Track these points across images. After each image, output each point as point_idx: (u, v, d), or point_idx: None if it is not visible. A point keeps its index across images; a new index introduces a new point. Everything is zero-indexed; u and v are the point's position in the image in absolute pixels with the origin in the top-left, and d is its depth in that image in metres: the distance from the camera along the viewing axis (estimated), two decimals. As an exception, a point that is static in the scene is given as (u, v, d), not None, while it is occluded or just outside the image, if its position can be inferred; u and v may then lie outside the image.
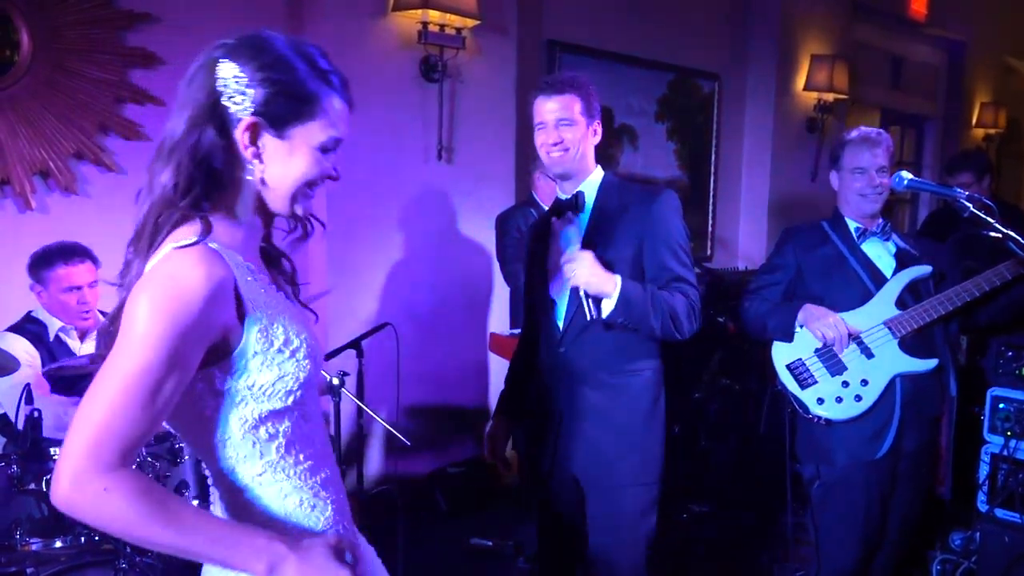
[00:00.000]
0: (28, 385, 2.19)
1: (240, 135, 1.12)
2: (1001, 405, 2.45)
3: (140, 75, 2.96)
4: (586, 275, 1.91)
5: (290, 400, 1.14)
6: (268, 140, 1.13)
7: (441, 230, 3.77)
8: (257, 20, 3.23)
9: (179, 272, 1.05)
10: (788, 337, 2.40)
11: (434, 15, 3.41)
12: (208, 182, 1.12)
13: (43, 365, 2.49)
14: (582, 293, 1.93)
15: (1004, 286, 2.27)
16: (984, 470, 2.47)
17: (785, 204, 5.33)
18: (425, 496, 3.69)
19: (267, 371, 1.11)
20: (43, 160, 2.79)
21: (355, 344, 2.93)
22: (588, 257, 1.92)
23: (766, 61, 5.23)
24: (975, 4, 6.75)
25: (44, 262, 2.51)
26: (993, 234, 2.02)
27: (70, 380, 2.40)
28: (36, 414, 2.07)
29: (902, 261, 2.37)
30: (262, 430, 1.13)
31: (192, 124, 1.12)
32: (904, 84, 6.70)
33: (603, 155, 4.72)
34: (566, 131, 2.00)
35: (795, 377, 2.38)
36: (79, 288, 2.52)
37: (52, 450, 2.13)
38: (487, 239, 3.78)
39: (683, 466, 3.67)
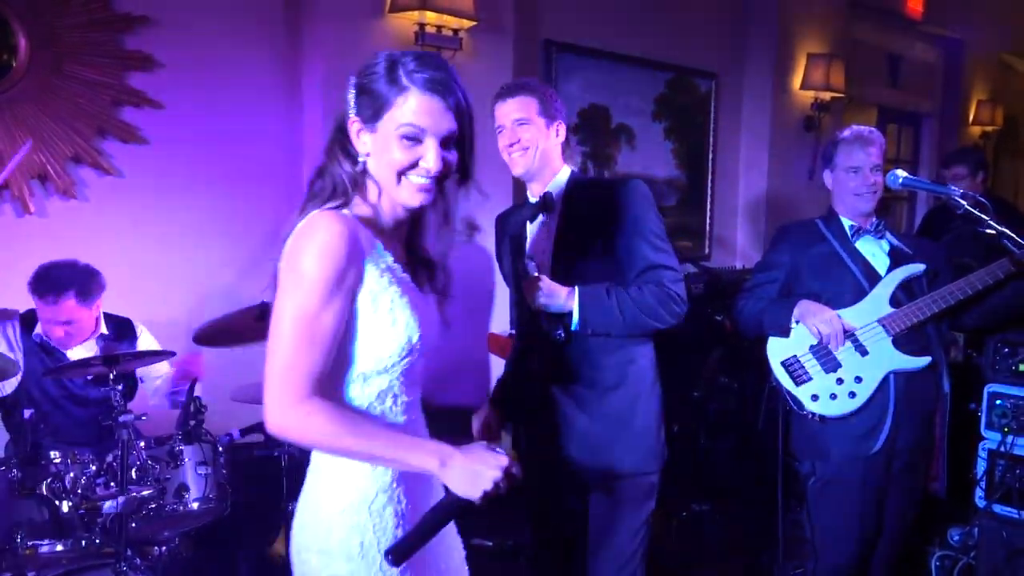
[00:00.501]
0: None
1: (353, 136, 1.37)
2: (998, 401, 2.47)
3: (138, 78, 2.97)
4: (541, 299, 1.94)
5: (382, 365, 1.33)
6: (366, 136, 1.36)
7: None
8: (255, 23, 3.24)
9: (321, 226, 1.29)
10: (784, 333, 2.41)
11: (431, 16, 3.42)
12: (345, 177, 1.37)
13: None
14: (542, 316, 1.96)
15: (996, 285, 2.28)
16: (981, 466, 2.48)
17: (783, 203, 5.34)
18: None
19: (369, 331, 1.32)
20: (41, 164, 2.79)
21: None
22: (538, 283, 1.94)
23: (763, 60, 5.23)
24: (972, 2, 6.76)
25: (32, 288, 2.50)
26: (987, 231, 2.03)
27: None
28: (36, 418, 2.08)
29: (896, 259, 2.39)
30: (358, 384, 1.35)
31: (335, 133, 1.40)
32: (901, 82, 6.71)
33: (601, 155, 4.77)
34: (523, 131, 2.03)
35: (790, 374, 2.39)
36: (68, 322, 2.52)
37: (52, 454, 2.15)
38: (485, 239, 3.78)
39: (682, 465, 3.67)
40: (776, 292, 2.48)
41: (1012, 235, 1.99)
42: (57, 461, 2.15)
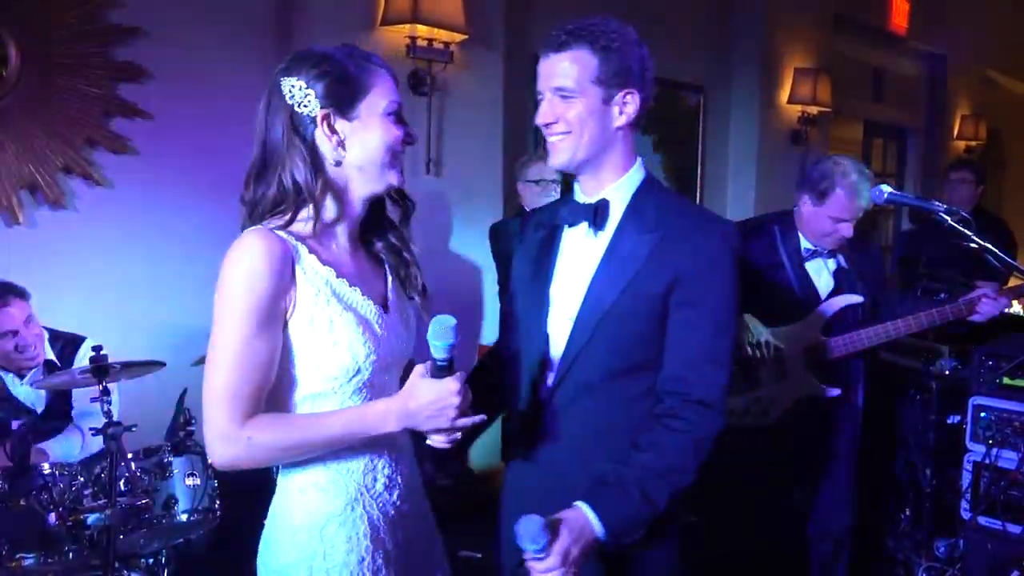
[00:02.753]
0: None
1: (320, 131, 1.29)
2: (983, 414, 2.49)
3: (129, 89, 2.97)
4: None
5: (324, 387, 1.28)
6: (342, 125, 1.30)
7: (429, 242, 3.78)
8: (246, 35, 3.25)
9: (247, 249, 1.24)
10: None
11: (422, 30, 3.44)
12: (300, 180, 1.29)
13: None
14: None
15: (929, 328, 2.39)
16: (967, 478, 2.50)
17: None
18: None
19: (309, 352, 1.27)
20: (31, 174, 2.79)
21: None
22: (555, 559, 1.28)
23: (750, 74, 5.29)
24: (955, 18, 6.86)
25: None
26: (971, 245, 2.06)
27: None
28: (23, 430, 2.06)
29: (840, 281, 2.44)
30: (308, 405, 1.30)
31: (283, 138, 1.30)
32: (886, 96, 6.79)
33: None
34: (565, 106, 1.43)
35: None
36: (15, 332, 2.48)
37: (44, 466, 2.13)
38: (475, 251, 3.79)
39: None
40: None
41: (995, 251, 2.02)
42: (45, 472, 2.14)
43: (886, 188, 2.17)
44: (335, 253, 1.35)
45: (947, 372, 2.95)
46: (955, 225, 2.04)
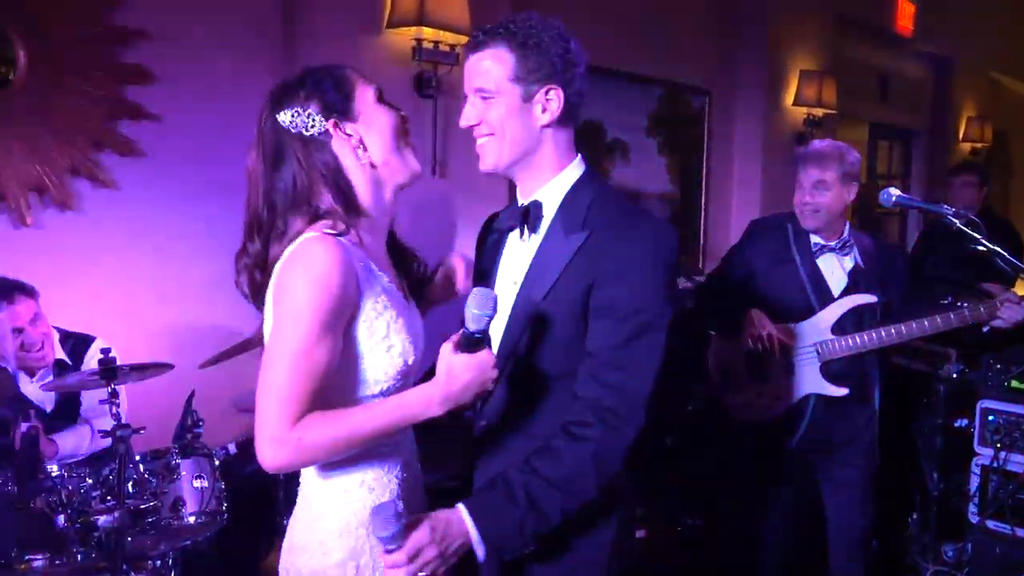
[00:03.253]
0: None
1: (339, 141, 1.33)
2: (991, 417, 2.49)
3: (135, 91, 2.97)
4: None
5: (377, 389, 1.31)
6: (349, 127, 1.35)
7: (434, 243, 3.78)
8: (252, 37, 3.25)
9: (315, 255, 1.25)
10: (726, 335, 2.51)
11: (428, 32, 3.44)
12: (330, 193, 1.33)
13: None
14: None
15: (944, 333, 2.33)
16: (975, 482, 2.50)
17: (776, 217, 5.37)
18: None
19: (368, 357, 1.30)
20: (38, 176, 2.79)
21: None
22: (401, 555, 1.21)
23: (755, 77, 5.28)
24: (960, 20, 6.85)
25: None
26: (979, 248, 2.06)
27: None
28: (33, 431, 2.07)
29: (855, 280, 2.41)
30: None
31: (303, 167, 1.33)
32: (891, 99, 6.78)
33: (596, 169, 4.78)
34: (485, 106, 1.40)
35: (723, 375, 2.51)
36: (20, 330, 2.48)
37: (49, 468, 2.14)
38: (469, 246, 3.80)
39: (675, 479, 3.68)
40: (731, 289, 2.54)
41: (1004, 254, 2.01)
42: (54, 475, 2.14)
43: (894, 191, 2.17)
44: (380, 257, 1.38)
45: (954, 376, 2.95)
46: (964, 228, 2.05)
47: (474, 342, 1.24)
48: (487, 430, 1.45)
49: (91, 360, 2.60)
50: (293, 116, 1.33)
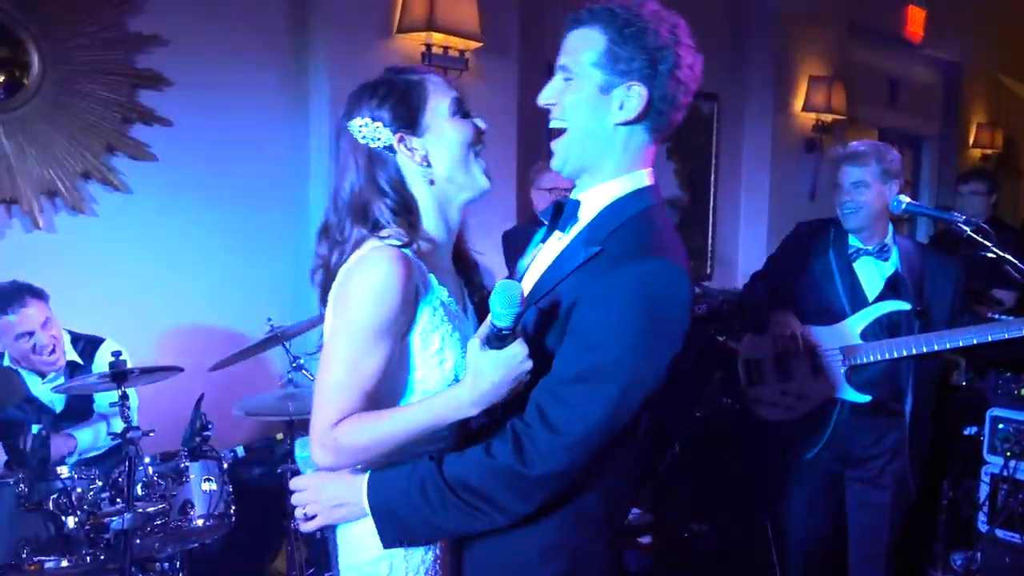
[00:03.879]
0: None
1: (401, 155, 1.33)
2: (1000, 425, 2.48)
3: (148, 96, 3.00)
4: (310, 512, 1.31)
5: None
6: (417, 142, 1.33)
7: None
8: (264, 43, 3.27)
9: (376, 266, 1.24)
10: (756, 332, 2.52)
11: (437, 38, 3.46)
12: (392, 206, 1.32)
13: None
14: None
15: (979, 346, 2.25)
16: (984, 490, 2.48)
17: (784, 223, 5.34)
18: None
19: (419, 368, 1.29)
20: (51, 180, 2.82)
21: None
22: (307, 481, 1.32)
23: (764, 82, 5.27)
24: (970, 26, 6.82)
25: None
26: (989, 255, 2.06)
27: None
28: (44, 433, 2.08)
29: (893, 286, 2.37)
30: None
31: (367, 179, 1.33)
32: (901, 104, 6.75)
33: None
34: (564, 87, 1.30)
35: (747, 372, 2.52)
36: (31, 333, 2.51)
37: (59, 469, 2.15)
38: (490, 258, 3.79)
39: (682, 485, 3.67)
40: (770, 287, 2.56)
41: (1014, 261, 2.01)
42: (65, 476, 2.16)
43: (904, 198, 2.17)
44: (443, 269, 1.37)
45: (964, 383, 2.94)
46: (973, 235, 2.05)
47: (502, 338, 1.17)
48: (479, 428, 1.36)
49: (100, 361, 2.63)
50: (361, 127, 1.33)
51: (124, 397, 2.14)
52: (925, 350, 2.27)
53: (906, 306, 2.33)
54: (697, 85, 1.32)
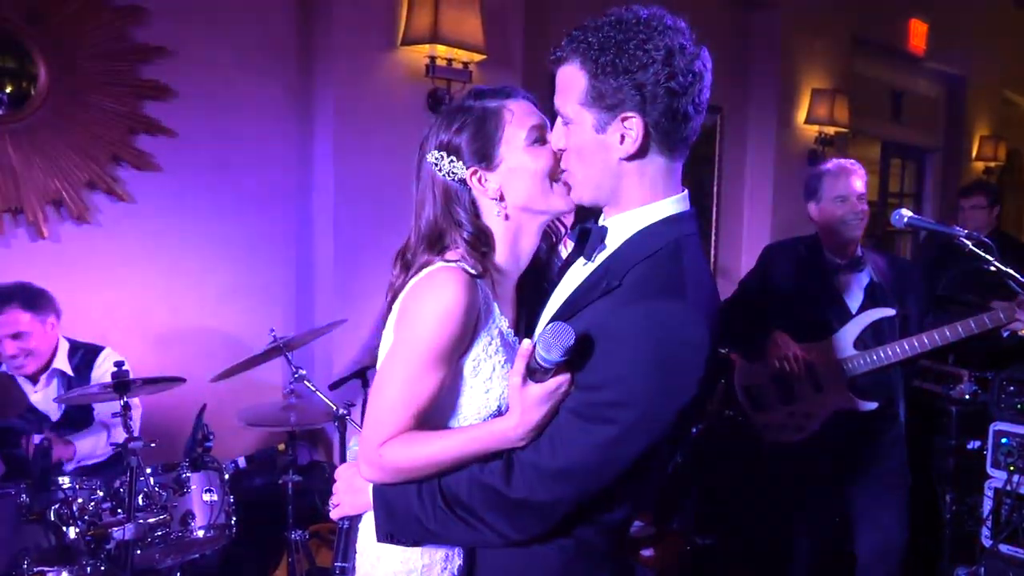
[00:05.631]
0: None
1: (477, 190, 1.31)
2: (1004, 440, 2.46)
3: (154, 107, 3.02)
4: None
5: (466, 424, 1.29)
6: (491, 177, 1.31)
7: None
8: (268, 54, 3.29)
9: (444, 288, 1.23)
10: (750, 357, 2.49)
11: (442, 50, 3.47)
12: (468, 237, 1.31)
13: None
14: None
15: (968, 339, 2.31)
16: (988, 505, 2.47)
17: (787, 235, 5.34)
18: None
19: (466, 393, 1.29)
20: (57, 190, 2.83)
21: (360, 374, 2.95)
22: (341, 470, 1.38)
23: (767, 95, 5.29)
24: (973, 39, 6.84)
25: None
26: (991, 269, 2.06)
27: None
28: (46, 443, 2.08)
29: (872, 296, 2.43)
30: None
31: (442, 209, 1.32)
32: (904, 117, 6.77)
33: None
34: (565, 131, 1.23)
35: (750, 399, 2.52)
36: (18, 336, 2.49)
37: (60, 480, 2.15)
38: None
39: (686, 497, 3.65)
40: (751, 312, 2.53)
41: (1015, 275, 2.01)
42: (66, 487, 2.16)
43: (906, 212, 2.18)
44: (505, 299, 1.35)
45: (967, 397, 2.93)
46: (975, 249, 2.05)
47: (544, 372, 1.14)
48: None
49: (100, 369, 2.62)
50: (437, 159, 1.32)
51: (126, 407, 2.14)
52: (919, 349, 2.33)
53: (890, 312, 2.39)
54: (706, 82, 1.21)
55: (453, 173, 1.31)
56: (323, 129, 3.39)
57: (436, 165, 1.32)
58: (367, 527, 1.35)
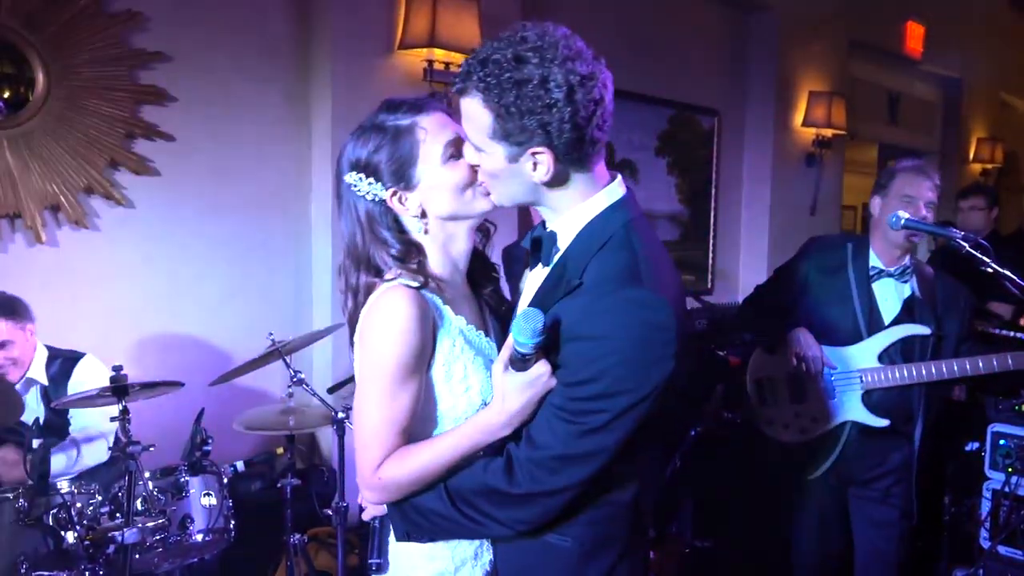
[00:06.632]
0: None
1: (398, 209, 1.32)
2: (1002, 441, 2.46)
3: (151, 111, 3.02)
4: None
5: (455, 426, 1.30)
6: (411, 196, 1.32)
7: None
8: (266, 58, 3.30)
9: (391, 307, 1.26)
10: (768, 350, 2.47)
11: (439, 54, 3.48)
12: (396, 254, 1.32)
13: None
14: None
15: (997, 375, 2.25)
16: (986, 507, 2.47)
17: (785, 237, 5.37)
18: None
19: (445, 398, 1.31)
20: (54, 194, 2.83)
21: (359, 377, 2.94)
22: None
23: (764, 97, 5.30)
24: (969, 42, 6.86)
25: None
26: (987, 270, 2.06)
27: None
28: (44, 449, 2.08)
29: (910, 309, 2.35)
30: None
31: (365, 229, 1.34)
32: (901, 120, 6.78)
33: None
34: (476, 155, 1.28)
35: (758, 391, 2.47)
36: (3, 345, 2.47)
37: (59, 483, 2.15)
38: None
39: (686, 499, 3.65)
40: (780, 302, 2.49)
41: (1012, 276, 2.01)
42: (64, 491, 2.16)
43: (903, 214, 2.18)
44: (457, 298, 1.37)
45: (964, 399, 2.93)
46: (972, 252, 2.05)
47: (524, 361, 1.19)
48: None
49: (78, 378, 2.59)
50: (356, 181, 1.33)
51: (124, 411, 2.14)
52: (946, 375, 2.26)
53: (926, 331, 2.30)
54: (608, 101, 1.24)
55: (373, 194, 1.32)
56: (321, 133, 3.39)
57: (355, 187, 1.33)
58: None
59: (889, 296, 2.36)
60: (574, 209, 1.28)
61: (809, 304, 2.41)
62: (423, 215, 1.33)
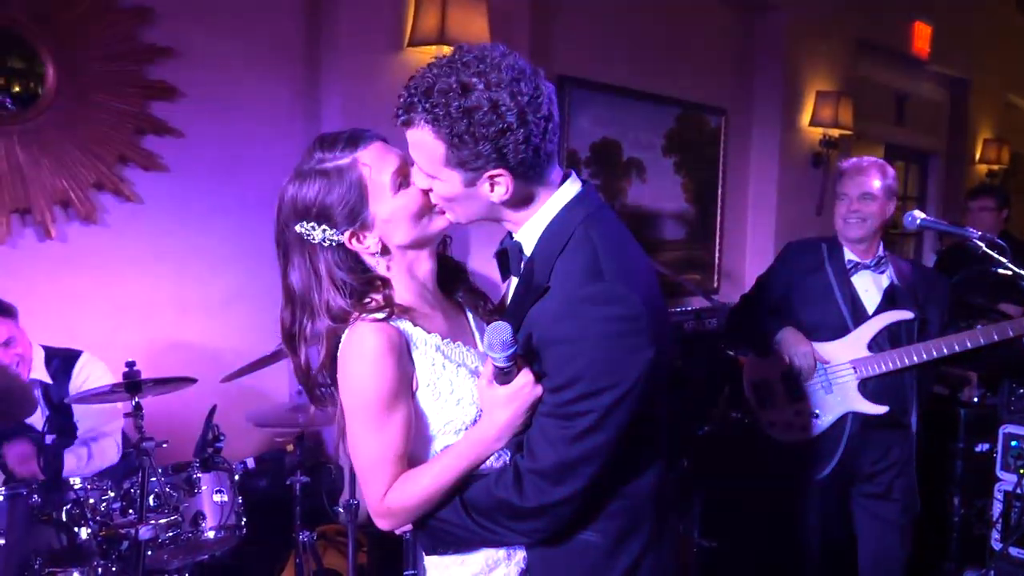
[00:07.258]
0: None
1: (357, 248, 1.31)
2: (1013, 442, 2.47)
3: (160, 107, 3.01)
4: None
5: (458, 437, 1.31)
6: (367, 235, 1.31)
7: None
8: (276, 54, 3.29)
9: (362, 344, 1.25)
10: (760, 354, 2.47)
11: (449, 51, 3.47)
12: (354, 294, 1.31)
13: None
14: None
15: (987, 347, 2.28)
16: (997, 508, 2.47)
17: (791, 237, 5.34)
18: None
19: (439, 416, 1.31)
20: (64, 190, 2.83)
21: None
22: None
23: (772, 97, 5.29)
24: (977, 42, 6.85)
25: None
26: (1003, 271, 2.06)
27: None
28: (57, 445, 2.08)
29: (891, 298, 2.40)
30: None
31: (323, 270, 1.31)
32: (908, 120, 6.77)
33: (612, 188, 4.80)
34: (428, 182, 1.27)
35: (756, 395, 2.48)
36: (7, 343, 2.45)
37: (72, 480, 2.15)
38: (494, 270, 3.81)
39: (693, 499, 3.65)
40: (766, 308, 2.52)
41: (1028, 277, 2.01)
42: (77, 487, 2.16)
43: (919, 214, 2.18)
44: (431, 314, 1.36)
45: (975, 400, 2.93)
46: (989, 252, 2.05)
47: (505, 374, 1.21)
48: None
49: (80, 377, 2.58)
50: (309, 229, 1.30)
51: (138, 407, 2.14)
52: (935, 355, 2.30)
53: (909, 315, 2.37)
54: (554, 113, 1.23)
55: (330, 240, 1.30)
56: (330, 130, 3.38)
57: (309, 235, 1.29)
58: None
59: (869, 287, 2.42)
60: (533, 217, 1.29)
61: (794, 305, 2.48)
62: (383, 249, 1.32)
